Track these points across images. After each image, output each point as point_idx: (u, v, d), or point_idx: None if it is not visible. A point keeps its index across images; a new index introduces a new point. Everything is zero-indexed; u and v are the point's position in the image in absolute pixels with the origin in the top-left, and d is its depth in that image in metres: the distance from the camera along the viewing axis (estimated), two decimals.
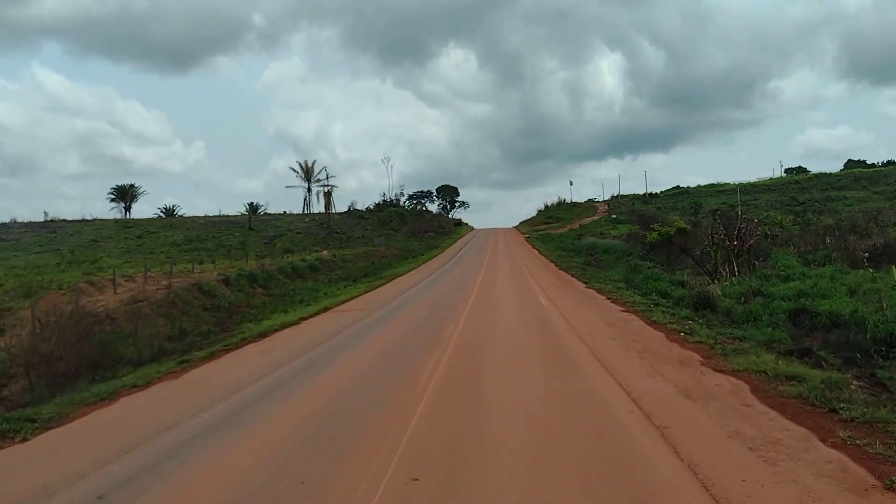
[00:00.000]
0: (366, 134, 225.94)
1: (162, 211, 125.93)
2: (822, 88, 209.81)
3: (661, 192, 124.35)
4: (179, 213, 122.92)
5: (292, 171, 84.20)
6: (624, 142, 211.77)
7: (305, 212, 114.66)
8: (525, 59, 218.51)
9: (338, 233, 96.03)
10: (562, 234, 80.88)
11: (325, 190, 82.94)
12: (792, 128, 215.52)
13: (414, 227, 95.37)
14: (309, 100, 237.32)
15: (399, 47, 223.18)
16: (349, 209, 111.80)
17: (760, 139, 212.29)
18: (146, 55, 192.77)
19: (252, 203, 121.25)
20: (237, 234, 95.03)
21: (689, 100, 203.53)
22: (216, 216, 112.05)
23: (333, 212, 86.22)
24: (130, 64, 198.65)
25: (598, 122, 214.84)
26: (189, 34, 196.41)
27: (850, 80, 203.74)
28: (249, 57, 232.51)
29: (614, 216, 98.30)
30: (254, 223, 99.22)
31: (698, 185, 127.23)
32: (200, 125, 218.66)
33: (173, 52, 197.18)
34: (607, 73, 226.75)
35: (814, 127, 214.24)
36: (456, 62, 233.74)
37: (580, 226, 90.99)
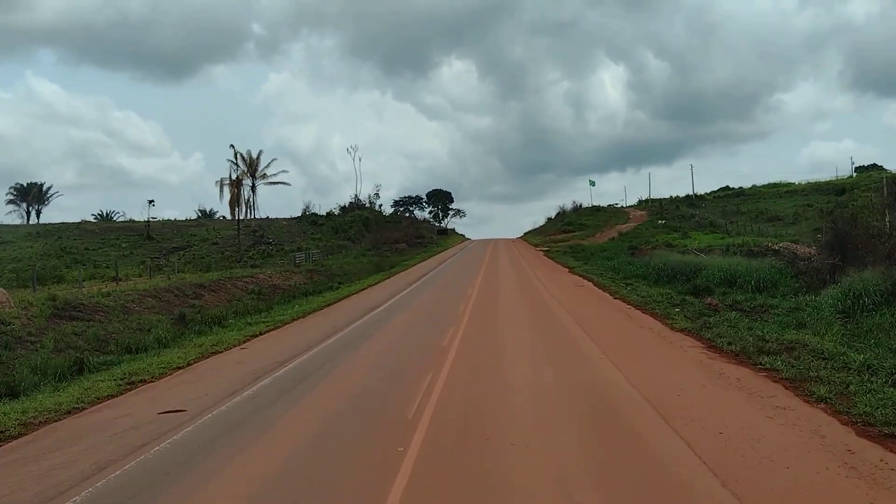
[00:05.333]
0: (366, 147, 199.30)
1: (97, 216, 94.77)
2: (828, 101, 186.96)
3: (709, 194, 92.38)
4: (119, 219, 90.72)
5: (231, 164, 51.05)
6: (626, 154, 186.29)
7: (252, 215, 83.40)
8: (527, 71, 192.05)
9: (270, 243, 63.73)
10: (602, 245, 48.51)
11: (231, 178, 50.65)
12: (797, 141, 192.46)
13: (378, 237, 62.91)
14: (308, 112, 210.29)
15: (400, 58, 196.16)
16: (303, 212, 79.78)
17: (765, 152, 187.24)
18: (143, 64, 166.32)
19: (207, 209, 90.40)
20: (126, 244, 63.08)
21: (693, 112, 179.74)
22: (123, 222, 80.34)
23: (242, 215, 53.96)
24: (126, 73, 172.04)
25: (600, 134, 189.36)
26: (186, 43, 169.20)
27: (855, 93, 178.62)
28: (248, 66, 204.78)
29: (662, 221, 66.41)
30: (155, 230, 67.10)
31: (753, 185, 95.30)
32: (199, 135, 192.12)
33: (170, 60, 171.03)
34: (610, 86, 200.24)
35: (819, 140, 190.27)
36: (457, 73, 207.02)
37: (619, 234, 59.01)
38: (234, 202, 50.87)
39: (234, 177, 51.00)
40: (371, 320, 15.97)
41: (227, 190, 51.57)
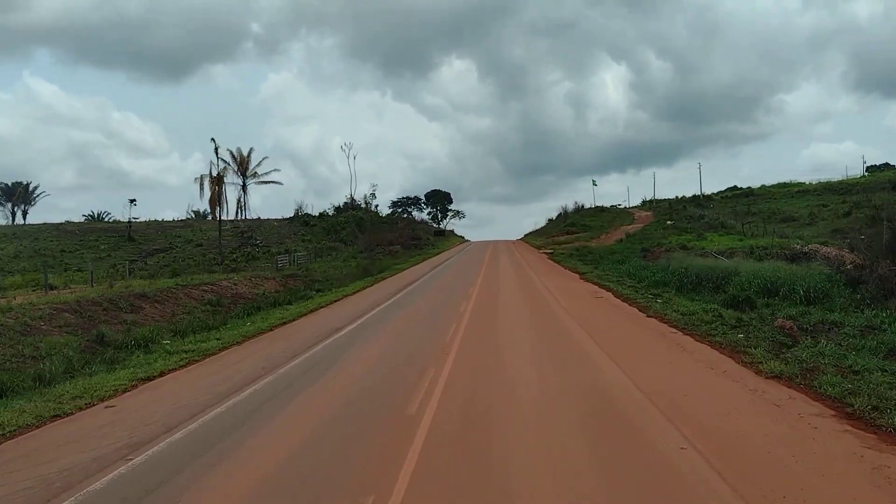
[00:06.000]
0: (366, 148, 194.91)
1: (87, 217, 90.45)
2: (830, 102, 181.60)
3: (716, 194, 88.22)
4: (112, 219, 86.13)
5: (212, 161, 46.26)
6: (627, 155, 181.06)
7: (243, 216, 79.13)
8: (528, 71, 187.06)
9: (257, 245, 59.36)
10: (610, 247, 44.14)
11: (214, 175, 46.05)
12: (798, 142, 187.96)
13: (372, 238, 58.55)
14: (307, 112, 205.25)
15: (400, 58, 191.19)
16: (296, 213, 75.47)
17: (766, 154, 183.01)
18: (141, 64, 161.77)
19: (201, 210, 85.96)
20: (104, 246, 58.65)
21: (694, 113, 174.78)
22: (109, 223, 75.97)
23: (231, 215, 49.71)
24: (125, 73, 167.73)
25: (600, 135, 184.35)
26: (184, 43, 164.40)
27: (858, 94, 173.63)
28: (247, 66, 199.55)
29: (670, 222, 62.01)
30: (137, 231, 62.70)
31: (763, 185, 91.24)
32: (198, 136, 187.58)
33: (168, 60, 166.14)
34: (611, 86, 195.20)
35: (820, 141, 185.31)
36: (457, 74, 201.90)
37: (626, 235, 54.55)
38: (215, 200, 46.35)
39: (214, 173, 46.43)
40: (325, 351, 11.50)
41: (207, 188, 47.00)
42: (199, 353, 11.80)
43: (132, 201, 63.56)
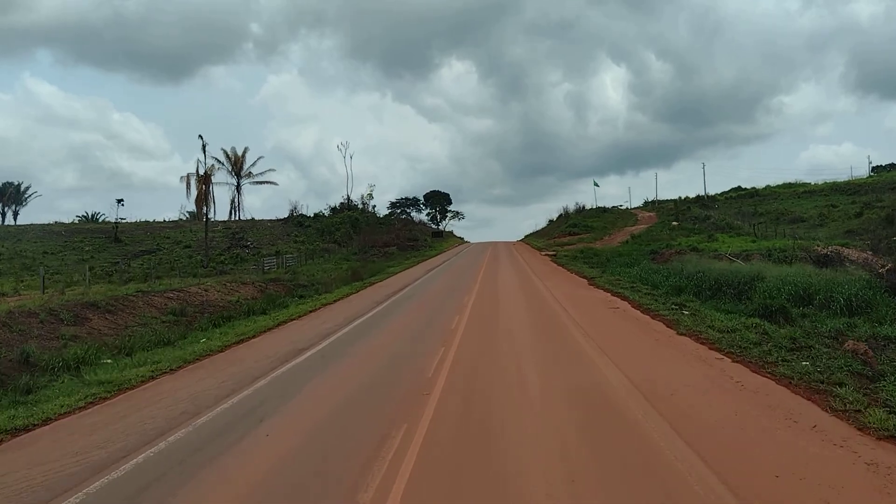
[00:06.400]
0: (366, 149, 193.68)
1: (83, 217, 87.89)
2: (829, 103, 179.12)
3: (721, 195, 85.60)
4: (104, 220, 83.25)
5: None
6: (626, 157, 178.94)
7: (238, 216, 76.57)
8: (528, 73, 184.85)
9: (248, 246, 56.75)
10: (616, 248, 41.55)
11: (202, 173, 43.36)
12: (797, 143, 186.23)
13: (367, 240, 55.99)
14: (307, 114, 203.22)
15: (400, 59, 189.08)
16: (290, 213, 72.86)
17: (765, 155, 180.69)
18: (141, 64, 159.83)
19: (193, 211, 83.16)
20: (89, 248, 55.99)
21: (694, 114, 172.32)
22: (98, 223, 73.32)
23: (225, 216, 47.18)
24: (124, 74, 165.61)
25: (600, 137, 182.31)
26: (184, 43, 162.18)
27: (857, 95, 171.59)
28: (247, 67, 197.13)
29: (676, 223, 59.57)
30: (125, 232, 60.04)
31: (767, 186, 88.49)
32: (198, 137, 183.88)
33: (168, 61, 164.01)
34: (611, 88, 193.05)
35: (818, 142, 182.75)
36: (458, 75, 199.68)
37: (631, 236, 52.03)
38: (202, 199, 43.74)
39: (201, 172, 43.80)
40: (272, 387, 8.89)
41: (194, 187, 44.36)
42: (115, 387, 9.18)
43: (119, 201, 61.66)
